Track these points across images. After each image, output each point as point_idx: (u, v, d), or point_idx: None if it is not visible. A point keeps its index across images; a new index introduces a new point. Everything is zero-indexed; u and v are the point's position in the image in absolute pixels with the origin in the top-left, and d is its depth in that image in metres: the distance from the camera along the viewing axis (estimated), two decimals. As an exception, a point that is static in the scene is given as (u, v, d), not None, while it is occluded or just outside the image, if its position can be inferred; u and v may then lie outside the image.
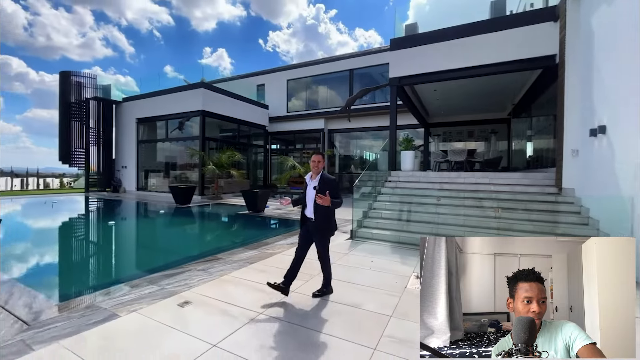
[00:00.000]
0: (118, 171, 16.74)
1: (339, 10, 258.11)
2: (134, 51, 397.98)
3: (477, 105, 12.21)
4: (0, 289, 3.24)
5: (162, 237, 7.40)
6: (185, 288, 3.29)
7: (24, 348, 2.15)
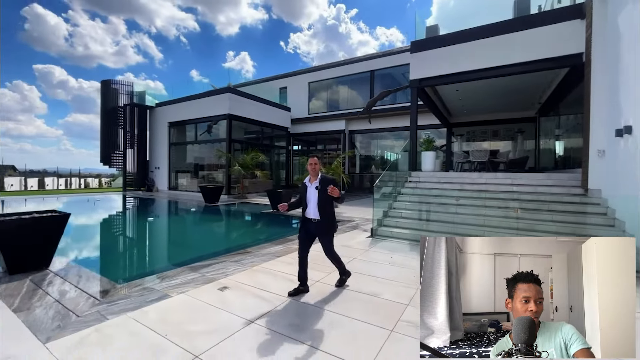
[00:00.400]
0: (151, 172, 17.92)
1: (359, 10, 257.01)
2: (163, 57, 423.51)
3: (501, 104, 11.97)
4: (69, 272, 3.82)
5: (197, 232, 8.02)
6: (222, 276, 3.71)
7: (100, 317, 2.62)
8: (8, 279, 3.49)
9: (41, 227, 3.76)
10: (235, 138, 15.36)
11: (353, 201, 12.79)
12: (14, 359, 2.05)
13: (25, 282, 3.42)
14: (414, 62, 8.64)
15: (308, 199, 3.32)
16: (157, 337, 2.34)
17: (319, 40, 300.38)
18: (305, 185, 3.37)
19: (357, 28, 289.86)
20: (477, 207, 6.32)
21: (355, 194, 15.76)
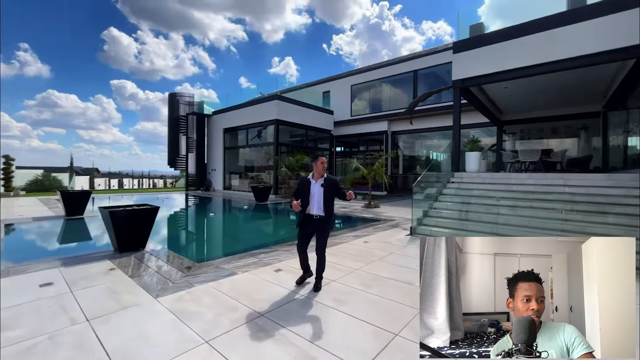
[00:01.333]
0: (209, 173, 19.92)
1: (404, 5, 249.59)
2: (215, 67, 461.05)
3: (559, 99, 11.15)
4: (159, 253, 4.83)
5: (252, 226, 9.04)
6: (276, 261, 4.39)
7: (189, 284, 3.43)
8: (119, 255, 4.57)
9: (140, 217, 4.82)
10: (282, 141, 16.42)
11: (395, 202, 12.92)
12: (139, 306, 2.89)
13: (131, 258, 4.46)
14: (456, 62, 8.62)
15: (312, 195, 3.38)
16: (231, 300, 3.04)
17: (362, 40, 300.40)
18: (309, 181, 3.44)
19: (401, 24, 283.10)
20: (522, 208, 6.20)
21: (398, 195, 15.78)
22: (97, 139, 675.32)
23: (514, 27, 7.67)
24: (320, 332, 2.47)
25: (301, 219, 3.46)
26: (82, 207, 8.45)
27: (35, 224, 7.53)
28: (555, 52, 7.05)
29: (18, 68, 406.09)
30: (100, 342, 2.27)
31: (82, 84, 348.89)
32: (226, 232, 8.13)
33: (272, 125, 15.39)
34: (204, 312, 2.78)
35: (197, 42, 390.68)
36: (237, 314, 2.76)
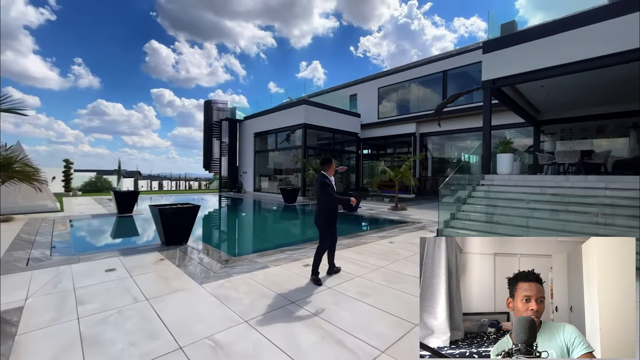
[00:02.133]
0: (240, 176, 20.90)
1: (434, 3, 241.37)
2: (246, 73, 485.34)
3: (603, 97, 10.44)
4: (200, 247, 5.33)
5: (281, 225, 9.51)
6: (305, 257, 4.69)
7: (227, 275, 3.83)
8: (166, 248, 5.13)
9: (184, 214, 5.37)
10: (309, 144, 16.86)
11: (423, 204, 12.77)
12: (187, 290, 3.31)
13: (177, 250, 4.99)
14: (486, 62, 8.46)
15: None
16: (264, 289, 3.38)
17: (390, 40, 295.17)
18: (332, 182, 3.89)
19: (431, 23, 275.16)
20: (556, 211, 5.98)
21: (427, 198, 15.52)
22: (139, 144, 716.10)
23: (547, 25, 7.43)
24: (346, 318, 2.71)
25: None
26: (132, 206, 9.39)
27: (94, 220, 8.52)
28: (597, 47, 6.71)
29: (73, 81, 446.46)
30: (159, 317, 2.69)
31: (126, 93, 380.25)
32: (257, 230, 8.64)
33: (300, 129, 15.87)
34: (241, 297, 3.13)
35: (229, 50, 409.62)
36: (271, 300, 3.08)
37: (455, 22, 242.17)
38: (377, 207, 12.02)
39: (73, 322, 2.59)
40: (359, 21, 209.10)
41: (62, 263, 4.19)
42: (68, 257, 4.49)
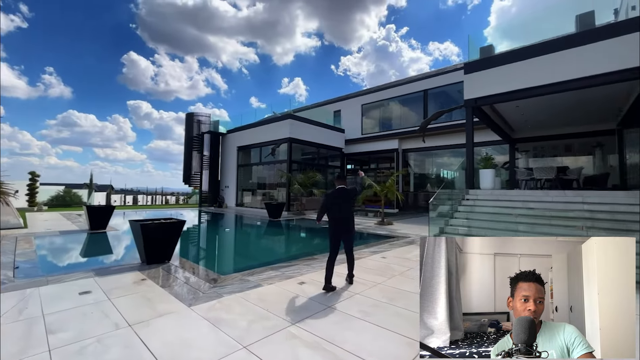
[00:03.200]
0: (222, 190, 20.32)
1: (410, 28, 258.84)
2: (227, 88, 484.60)
3: (572, 117, 11.21)
4: (185, 265, 4.99)
5: (268, 241, 9.17)
6: (299, 274, 4.48)
7: (218, 295, 3.56)
8: (147, 267, 4.75)
9: (168, 230, 5.03)
10: (294, 159, 16.77)
11: (408, 219, 12.89)
12: (175, 313, 3.02)
13: (159, 269, 4.63)
14: (468, 82, 8.87)
15: None
16: (261, 310, 3.15)
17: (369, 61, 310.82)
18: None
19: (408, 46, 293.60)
20: (540, 225, 6.19)
21: (410, 213, 15.72)
22: (111, 157, 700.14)
23: (523, 49, 7.94)
24: (351, 340, 2.55)
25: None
26: (106, 221, 8.76)
27: (63, 237, 7.84)
28: (567, 71, 7.23)
29: (42, 90, 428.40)
30: (145, 345, 2.41)
31: (100, 104, 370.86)
32: (244, 247, 8.27)
33: (286, 144, 15.79)
34: (237, 320, 2.89)
35: (211, 65, 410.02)
36: (269, 322, 2.86)
37: (430, 45, 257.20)
38: (363, 222, 11.97)
39: (43, 354, 2.25)
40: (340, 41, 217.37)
41: (27, 286, 3.74)
42: (35, 279, 4.03)
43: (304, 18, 65.13)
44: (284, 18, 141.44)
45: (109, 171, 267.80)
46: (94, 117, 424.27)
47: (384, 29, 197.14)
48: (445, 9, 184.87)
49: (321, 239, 9.45)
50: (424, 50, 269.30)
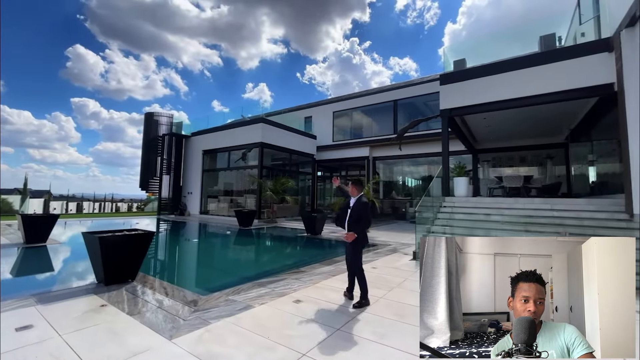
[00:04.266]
0: (184, 197, 18.85)
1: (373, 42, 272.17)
2: (188, 90, 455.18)
3: (529, 131, 12.16)
4: (154, 285, 4.26)
5: (244, 253, 8.44)
6: (291, 291, 4.03)
7: (204, 322, 2.99)
8: (106, 289, 3.95)
9: (133, 243, 4.27)
10: (265, 164, 16.13)
11: (381, 226, 12.94)
12: (153, 351, 2.42)
13: (122, 291, 3.87)
14: (444, 93, 9.16)
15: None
16: (259, 338, 2.67)
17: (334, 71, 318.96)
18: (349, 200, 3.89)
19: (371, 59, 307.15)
20: (518, 232, 6.42)
21: (381, 220, 15.86)
22: (50, 159, 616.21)
23: (495, 64, 8.40)
24: (377, 371, 2.20)
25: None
26: (47, 233, 7.44)
27: (-13, 254, 6.43)
28: (534, 87, 7.74)
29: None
30: (120, 402, 1.82)
31: (38, 100, 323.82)
32: (219, 260, 7.47)
33: (257, 148, 15.13)
34: (234, 354, 2.39)
35: (170, 65, 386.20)
36: (276, 354, 2.40)
37: (391, 60, 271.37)
38: (338, 230, 11.74)
39: None
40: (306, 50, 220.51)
41: (-62, 322, 2.83)
42: (-51, 312, 3.09)
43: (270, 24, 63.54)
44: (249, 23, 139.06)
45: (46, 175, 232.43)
46: (29, 114, 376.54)
47: (348, 42, 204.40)
48: (405, 27, 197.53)
49: (302, 248, 9.00)
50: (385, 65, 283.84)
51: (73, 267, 5.70)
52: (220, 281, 5.08)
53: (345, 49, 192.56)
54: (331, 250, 8.32)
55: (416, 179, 18.48)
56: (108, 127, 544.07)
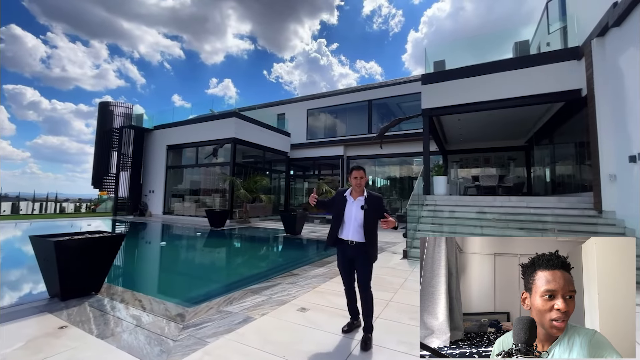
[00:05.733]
0: (145, 195, 17.25)
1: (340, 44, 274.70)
2: (145, 82, 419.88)
3: (495, 133, 12.86)
4: (124, 297, 3.58)
5: (225, 255, 7.73)
6: (291, 297, 3.62)
7: (199, 341, 2.49)
8: (63, 305, 3.22)
9: (99, 249, 3.56)
10: (237, 162, 15.30)
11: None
12: (142, 386, 1.90)
13: (85, 307, 3.17)
14: (425, 92, 9.26)
15: (347, 216, 2.67)
16: (274, 358, 2.25)
17: (302, 71, 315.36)
18: (345, 199, 2.73)
19: (338, 61, 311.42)
20: (501, 228, 6.61)
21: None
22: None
23: (474, 67, 8.65)
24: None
25: (334, 242, 2.75)
26: (-25, 238, 6.16)
27: None
28: (509, 90, 8.09)
29: None
30: None
31: None
32: (196, 264, 6.66)
33: (229, 144, 14.27)
34: (249, 382, 1.95)
35: (125, 54, 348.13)
36: (299, 378, 2.01)
37: (357, 63, 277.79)
38: (317, 229, 11.44)
39: None
40: (274, 48, 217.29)
41: None
42: None
43: (236, 19, 60.84)
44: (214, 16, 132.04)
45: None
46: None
47: (316, 43, 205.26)
48: (371, 32, 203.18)
49: (287, 250, 8.51)
50: (352, 67, 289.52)
51: (13, 279, 4.72)
52: (204, 289, 4.49)
53: (313, 49, 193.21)
54: (318, 250, 7.97)
55: (385, 179, 18.74)
56: (50, 119, 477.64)
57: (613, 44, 5.87)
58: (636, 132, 5.28)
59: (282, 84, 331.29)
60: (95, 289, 3.62)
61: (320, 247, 8.21)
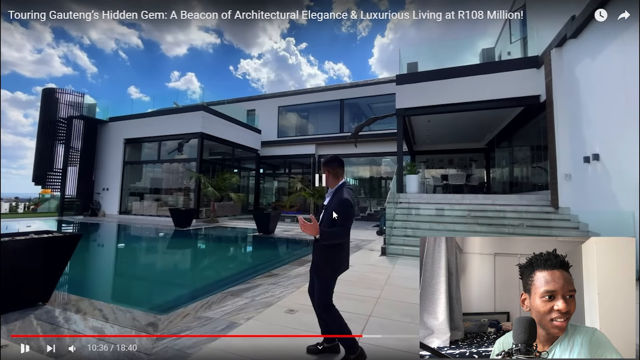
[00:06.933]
0: (98, 194, 15.66)
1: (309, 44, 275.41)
2: (97, 71, 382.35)
3: (459, 135, 13.58)
4: (80, 306, 3.09)
5: (193, 256, 7.17)
6: (275, 299, 3.38)
7: (181, 353, 2.17)
8: (3, 319, 2.67)
9: (47, 251, 3.02)
10: (205, 158, 14.50)
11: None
12: (114, 413, 1.57)
13: (31, 320, 2.66)
14: (399, 93, 9.45)
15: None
16: (269, 368, 2.02)
17: (270, 68, 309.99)
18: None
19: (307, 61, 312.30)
20: (470, 224, 6.91)
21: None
22: None
23: (446, 70, 9.00)
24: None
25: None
26: None
27: None
28: (475, 94, 8.52)
29: None
30: None
31: None
32: (162, 267, 6.04)
33: (196, 139, 13.45)
34: (245, 397, 1.71)
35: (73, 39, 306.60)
36: (301, 388, 1.81)
37: (326, 64, 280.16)
38: (289, 228, 11.19)
39: None
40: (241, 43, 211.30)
41: None
42: None
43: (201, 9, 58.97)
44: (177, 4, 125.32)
45: None
46: None
47: (284, 41, 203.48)
48: (340, 34, 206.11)
49: (261, 249, 8.12)
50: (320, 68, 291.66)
51: None
52: (176, 293, 4.06)
53: (282, 47, 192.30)
54: (295, 249, 7.73)
55: (354, 179, 18.95)
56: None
57: (570, 54, 6.41)
58: (590, 135, 5.80)
59: (249, 81, 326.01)
60: (42, 298, 3.07)
61: (297, 246, 7.99)
